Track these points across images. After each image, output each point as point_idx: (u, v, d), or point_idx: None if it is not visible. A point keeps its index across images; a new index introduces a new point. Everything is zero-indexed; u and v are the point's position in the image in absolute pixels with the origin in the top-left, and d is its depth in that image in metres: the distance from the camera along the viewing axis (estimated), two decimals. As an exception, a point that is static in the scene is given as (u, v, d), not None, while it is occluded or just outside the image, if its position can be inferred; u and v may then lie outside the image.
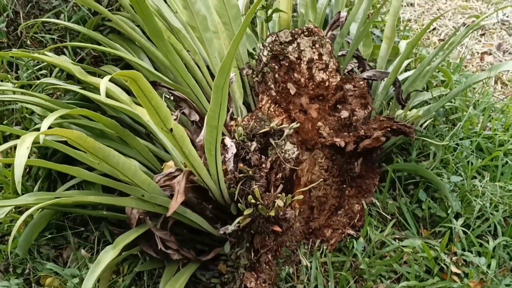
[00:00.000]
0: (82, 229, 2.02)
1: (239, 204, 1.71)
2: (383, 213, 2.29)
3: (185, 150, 1.59)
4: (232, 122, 1.99)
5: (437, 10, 4.96)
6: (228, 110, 2.11)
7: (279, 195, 1.74)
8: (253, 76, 2.05)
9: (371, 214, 2.30)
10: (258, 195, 1.69)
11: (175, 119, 1.90)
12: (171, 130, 1.52)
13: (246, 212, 1.69)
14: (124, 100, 1.91)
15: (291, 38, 2.03)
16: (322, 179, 2.21)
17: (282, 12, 2.26)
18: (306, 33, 2.04)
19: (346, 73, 2.36)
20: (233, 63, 1.47)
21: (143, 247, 1.92)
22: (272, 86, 2.08)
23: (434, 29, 4.48)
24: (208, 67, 2.14)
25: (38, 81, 2.15)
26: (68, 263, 1.95)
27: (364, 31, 2.20)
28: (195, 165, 1.65)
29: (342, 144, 2.13)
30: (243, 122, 1.96)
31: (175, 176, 1.72)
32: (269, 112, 2.09)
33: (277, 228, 1.71)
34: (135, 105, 1.93)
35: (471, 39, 4.28)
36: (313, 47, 2.06)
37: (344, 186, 2.29)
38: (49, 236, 2.00)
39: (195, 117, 2.00)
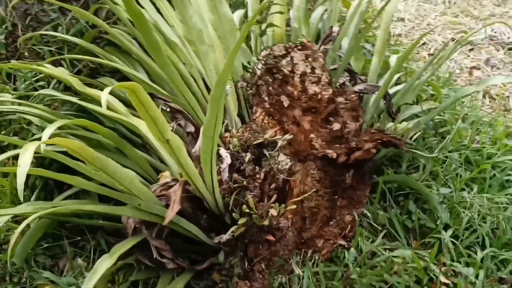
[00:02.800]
0: (79, 238, 2.04)
1: (233, 214, 1.75)
2: (374, 224, 2.33)
3: (182, 160, 1.63)
4: (227, 134, 2.03)
5: (427, 25, 5.06)
6: (223, 122, 2.16)
7: (273, 204, 1.78)
8: (248, 89, 2.09)
9: (362, 225, 2.33)
10: (252, 204, 1.73)
11: (171, 130, 1.94)
12: (168, 140, 1.55)
13: (240, 221, 1.72)
14: (121, 111, 1.95)
15: (284, 52, 2.09)
16: (314, 190, 2.24)
17: (276, 27, 2.31)
18: (300, 47, 2.09)
19: (338, 87, 2.41)
20: (229, 75, 1.52)
21: (138, 256, 1.94)
22: (266, 98, 2.12)
23: (424, 43, 4.57)
24: (203, 79, 2.18)
25: (36, 92, 2.18)
26: (64, 272, 1.97)
27: (355, 46, 2.26)
28: (191, 175, 1.68)
29: (334, 155, 2.17)
30: (238, 134, 2.00)
31: (171, 186, 1.76)
32: (263, 124, 2.13)
33: (271, 237, 1.75)
34: (132, 116, 1.97)
35: (460, 54, 4.37)
36: (306, 60, 2.11)
37: (336, 197, 2.33)
38: (46, 245, 2.02)
39: (191, 128, 2.04)
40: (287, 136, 2.04)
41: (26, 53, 2.73)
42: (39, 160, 2.16)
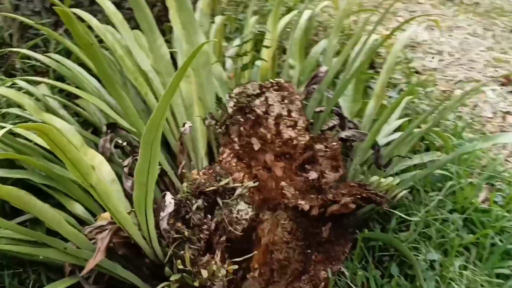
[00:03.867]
0: (20, 270, 1.94)
1: (166, 269, 1.60)
2: (351, 284, 2.13)
3: (110, 207, 1.51)
4: (188, 175, 1.89)
5: (468, 61, 4.76)
6: (191, 160, 2.03)
7: (214, 261, 1.63)
8: (216, 127, 1.95)
9: (339, 283, 2.13)
10: (188, 260, 1.58)
11: (126, 166, 1.82)
12: (92, 185, 1.43)
13: (172, 278, 1.58)
14: (75, 142, 1.84)
15: (259, 91, 1.94)
16: (284, 242, 2.07)
17: (263, 61, 2.16)
18: (276, 87, 1.94)
19: (320, 131, 2.23)
20: (163, 119, 1.38)
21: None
22: (236, 139, 1.98)
23: (460, 81, 4.28)
24: (172, 113, 2.06)
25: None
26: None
27: (343, 87, 2.08)
28: (123, 223, 1.56)
29: (306, 207, 2.00)
30: (195, 177, 1.85)
31: (106, 230, 1.62)
32: (230, 166, 1.98)
33: (206, 299, 1.59)
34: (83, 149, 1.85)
35: (499, 96, 4.07)
36: (282, 102, 1.96)
37: (309, 251, 2.15)
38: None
39: (150, 164, 1.91)
40: (249, 184, 1.88)
41: (17, 65, 2.69)
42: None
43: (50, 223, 1.55)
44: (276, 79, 1.91)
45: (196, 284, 1.54)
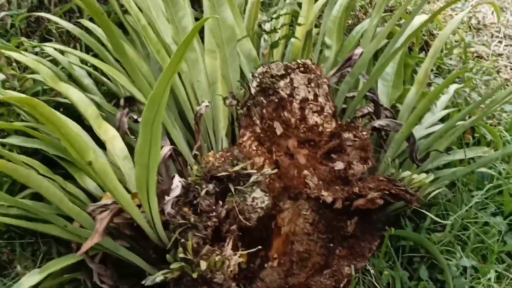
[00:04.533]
0: (32, 240, 1.92)
1: (167, 255, 1.53)
2: (376, 283, 1.99)
3: (110, 185, 1.44)
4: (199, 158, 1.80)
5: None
6: (210, 140, 1.94)
7: (216, 252, 1.54)
8: (238, 108, 1.84)
9: (364, 281, 2.01)
10: (190, 249, 1.50)
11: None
12: (90, 163, 1.36)
13: (172, 266, 1.50)
14: (89, 114, 1.78)
15: (283, 72, 1.81)
16: (305, 233, 1.96)
17: (295, 39, 2.02)
18: (302, 68, 1.81)
19: (351, 119, 2.07)
20: (164, 97, 1.29)
21: (83, 276, 1.79)
22: (258, 122, 1.86)
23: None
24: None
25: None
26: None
27: (379, 71, 1.91)
28: (123, 204, 1.49)
29: (329, 199, 1.88)
30: (212, 158, 1.76)
31: (107, 210, 1.56)
32: (250, 150, 1.87)
33: (206, 289, 1.51)
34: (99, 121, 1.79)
35: None
36: (309, 85, 1.82)
37: (332, 245, 2.02)
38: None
39: (166, 143, 1.84)
40: (267, 171, 1.76)
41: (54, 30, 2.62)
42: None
43: (51, 199, 1.51)
44: (302, 60, 1.77)
45: (195, 275, 1.45)
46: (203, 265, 1.44)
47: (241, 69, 2.01)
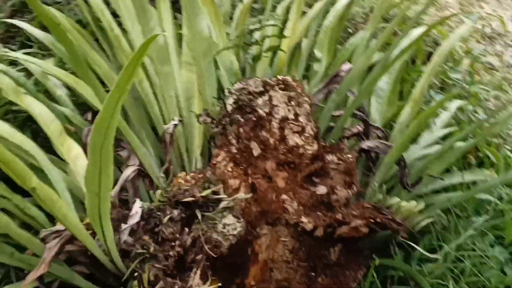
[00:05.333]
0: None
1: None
2: (358, 318, 1.86)
3: (58, 214, 1.32)
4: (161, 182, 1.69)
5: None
6: (182, 159, 1.82)
7: (178, 284, 1.42)
8: (212, 126, 1.71)
9: (345, 313, 1.87)
10: (146, 281, 1.37)
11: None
12: (34, 189, 1.24)
13: (128, 300, 1.38)
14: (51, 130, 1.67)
15: (262, 89, 1.69)
16: (284, 261, 1.83)
17: (280, 50, 1.89)
18: (282, 85, 1.68)
19: (342, 138, 1.93)
20: (114, 121, 1.17)
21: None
22: (234, 141, 1.74)
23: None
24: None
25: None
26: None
27: (370, 86, 1.77)
28: (75, 233, 1.38)
29: (309, 226, 1.75)
30: (181, 180, 1.64)
31: (58, 237, 1.45)
32: (225, 171, 1.75)
33: (162, 328, 1.39)
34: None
35: None
36: (289, 104, 1.70)
37: (314, 273, 1.88)
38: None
39: (135, 162, 1.72)
40: (240, 196, 1.63)
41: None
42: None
43: (-3, 224, 1.39)
44: (282, 76, 1.63)
45: (149, 312, 1.33)
46: (156, 303, 1.32)
47: (220, 83, 1.89)
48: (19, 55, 2.03)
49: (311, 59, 2.13)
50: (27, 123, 1.97)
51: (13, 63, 2.29)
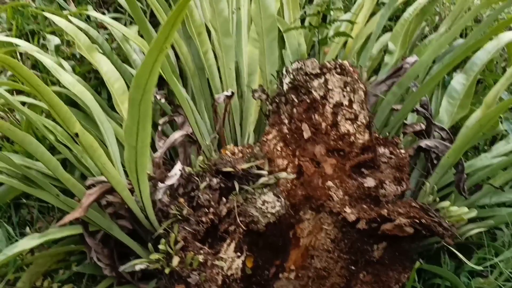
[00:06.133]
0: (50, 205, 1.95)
1: (149, 245, 1.45)
2: (397, 322, 1.79)
3: (98, 162, 1.39)
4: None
5: None
6: (235, 132, 1.84)
7: (193, 250, 1.45)
8: (267, 103, 1.71)
9: (385, 315, 1.80)
10: (173, 243, 1.41)
11: (163, 124, 1.70)
12: (77, 135, 1.32)
13: (152, 257, 1.42)
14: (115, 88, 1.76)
15: (318, 71, 1.66)
16: (325, 250, 1.80)
17: (348, 37, 1.85)
18: (339, 70, 1.64)
19: (399, 134, 1.86)
20: (152, 77, 1.22)
21: (85, 248, 1.77)
22: (286, 121, 1.73)
23: None
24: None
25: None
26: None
27: (430, 84, 1.68)
28: (113, 183, 1.44)
29: (351, 217, 1.71)
30: (227, 151, 1.66)
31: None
32: (274, 150, 1.74)
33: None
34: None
35: None
36: (344, 89, 1.65)
37: (355, 267, 1.84)
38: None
39: (188, 129, 1.76)
40: (281, 174, 1.63)
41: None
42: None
43: (47, 166, 1.48)
44: (340, 61, 1.60)
45: (167, 271, 1.36)
46: (175, 261, 1.35)
47: (284, 63, 1.88)
48: (105, 18, 2.15)
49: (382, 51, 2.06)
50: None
51: (103, 26, 2.43)
